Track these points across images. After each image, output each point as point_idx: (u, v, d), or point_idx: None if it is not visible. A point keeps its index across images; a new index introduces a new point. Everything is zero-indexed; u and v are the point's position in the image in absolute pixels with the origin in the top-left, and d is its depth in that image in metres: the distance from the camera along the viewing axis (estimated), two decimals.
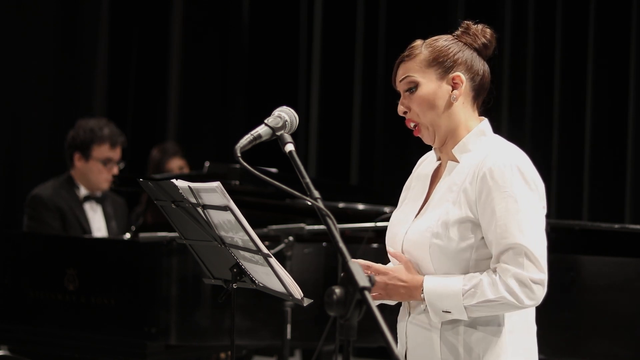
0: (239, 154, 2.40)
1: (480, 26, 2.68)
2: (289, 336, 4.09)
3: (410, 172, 2.83)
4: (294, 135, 2.49)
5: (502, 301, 2.45)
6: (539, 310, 2.61)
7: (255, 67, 7.44)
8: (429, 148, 2.77)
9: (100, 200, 5.39)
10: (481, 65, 2.65)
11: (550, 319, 2.64)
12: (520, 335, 2.57)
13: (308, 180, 2.33)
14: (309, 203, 2.29)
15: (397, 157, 6.76)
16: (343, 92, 7.04)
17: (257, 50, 7.44)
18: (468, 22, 2.69)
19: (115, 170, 5.33)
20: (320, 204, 2.27)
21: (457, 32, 2.67)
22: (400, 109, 2.64)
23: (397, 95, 2.69)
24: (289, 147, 2.43)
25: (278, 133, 2.47)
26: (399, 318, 2.67)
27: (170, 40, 7.59)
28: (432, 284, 2.51)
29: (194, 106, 7.61)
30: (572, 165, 6.14)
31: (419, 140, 2.70)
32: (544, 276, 2.46)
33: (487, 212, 2.49)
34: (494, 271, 2.48)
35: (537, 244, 2.47)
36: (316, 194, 2.30)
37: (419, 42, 2.66)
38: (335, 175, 7.10)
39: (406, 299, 2.57)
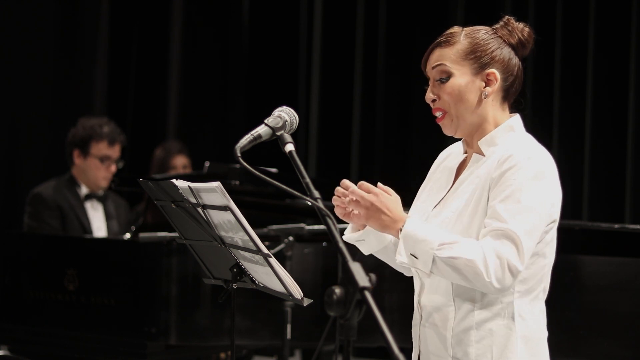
0: (239, 154, 2.40)
1: (521, 24, 2.64)
2: (289, 336, 4.09)
3: (410, 172, 2.83)
4: (294, 135, 2.49)
5: (470, 266, 2.39)
6: None
7: (255, 67, 7.44)
8: (428, 148, 2.76)
9: (101, 199, 5.41)
10: (515, 65, 2.61)
11: (550, 319, 2.63)
12: (532, 340, 2.55)
13: (308, 180, 2.33)
14: (309, 203, 2.29)
15: (397, 158, 6.76)
16: (343, 92, 7.04)
17: (257, 50, 7.44)
18: (509, 17, 2.64)
19: (113, 168, 5.36)
20: (320, 204, 2.28)
21: (496, 25, 2.63)
22: (429, 96, 2.59)
23: (398, 95, 2.68)
24: (289, 147, 2.43)
25: (278, 133, 2.46)
26: (413, 323, 2.66)
27: (170, 40, 7.58)
28: (414, 226, 2.46)
29: (194, 106, 7.61)
30: (572, 165, 6.14)
31: (419, 140, 2.69)
32: (520, 267, 2.41)
33: (492, 194, 2.47)
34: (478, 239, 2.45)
35: (528, 237, 2.43)
36: (316, 194, 2.30)
37: (456, 29, 2.61)
38: (335, 175, 7.09)
39: (381, 229, 2.50)
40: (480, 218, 2.49)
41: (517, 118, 2.63)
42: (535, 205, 2.46)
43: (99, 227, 5.38)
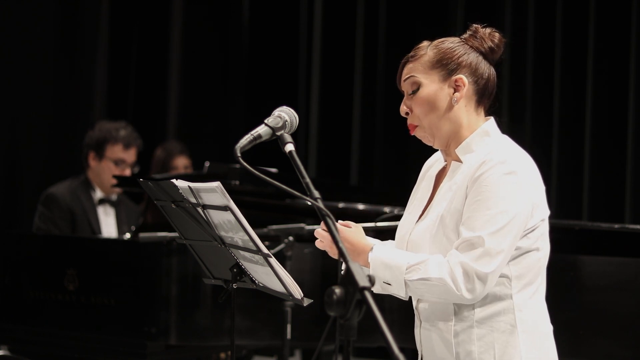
0: (239, 154, 2.40)
1: (488, 30, 2.65)
2: (289, 336, 4.09)
3: (410, 172, 2.83)
4: (294, 135, 2.49)
5: (441, 284, 2.43)
6: None
7: (255, 67, 7.44)
8: (428, 148, 2.76)
9: (114, 204, 5.40)
10: (487, 69, 2.63)
11: (550, 318, 2.63)
12: (535, 334, 2.55)
13: (308, 180, 2.33)
14: (309, 203, 2.29)
15: (397, 158, 6.76)
16: (343, 92, 7.04)
17: (257, 50, 7.44)
18: (476, 25, 2.66)
19: (127, 172, 5.34)
20: (320, 204, 2.28)
21: (465, 35, 2.66)
22: (403, 109, 2.63)
23: (398, 95, 2.68)
24: (289, 147, 2.44)
25: (278, 133, 2.47)
26: (415, 325, 2.67)
27: (170, 40, 7.59)
28: (379, 253, 2.51)
29: (194, 106, 7.61)
30: (572, 165, 6.14)
31: (419, 140, 2.70)
32: (488, 271, 2.43)
33: (467, 201, 2.50)
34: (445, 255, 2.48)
35: (498, 240, 2.45)
36: (316, 194, 2.30)
37: (425, 43, 2.65)
38: (335, 175, 7.10)
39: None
40: (459, 225, 2.51)
41: (491, 122, 2.64)
42: (506, 207, 2.46)
43: (110, 233, 5.37)
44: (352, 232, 2.57)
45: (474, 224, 2.46)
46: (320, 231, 2.58)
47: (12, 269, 4.76)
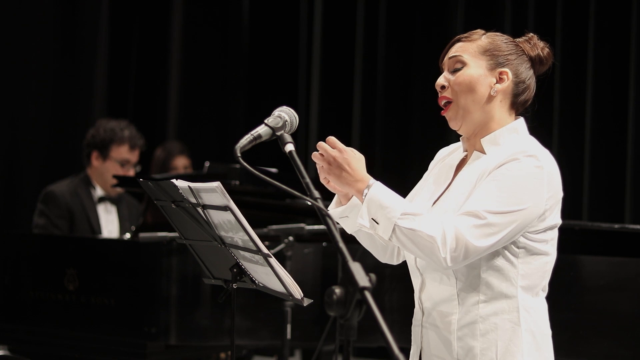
0: (239, 154, 2.40)
1: (542, 42, 2.68)
2: (289, 336, 4.08)
3: (409, 172, 2.82)
4: (294, 135, 2.49)
5: (429, 241, 2.40)
6: None
7: (255, 66, 7.45)
8: (428, 149, 2.76)
9: (115, 202, 5.40)
10: (529, 77, 2.65)
11: (550, 319, 2.63)
12: (537, 334, 2.55)
13: (308, 180, 2.33)
14: (309, 203, 2.29)
15: (397, 158, 6.76)
16: (343, 92, 7.04)
17: (257, 50, 7.45)
18: (533, 34, 2.69)
19: (131, 172, 5.35)
20: (320, 204, 2.28)
21: (519, 39, 2.68)
22: (440, 81, 2.62)
23: (397, 96, 2.68)
24: (289, 147, 2.43)
25: (278, 133, 2.47)
26: (413, 322, 2.66)
27: (170, 39, 7.59)
28: (381, 190, 2.47)
29: (193, 106, 7.61)
30: (572, 165, 6.14)
31: (419, 140, 2.69)
32: (479, 246, 2.42)
33: (484, 180, 2.49)
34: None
35: (500, 221, 2.43)
36: (316, 194, 2.30)
37: (480, 30, 2.66)
38: None
39: (341, 185, 2.52)
40: None
41: (521, 121, 2.66)
42: (521, 197, 2.46)
43: (111, 231, 5.37)
44: (355, 158, 2.51)
45: (483, 202, 2.44)
46: (315, 154, 2.52)
47: (12, 269, 4.77)
